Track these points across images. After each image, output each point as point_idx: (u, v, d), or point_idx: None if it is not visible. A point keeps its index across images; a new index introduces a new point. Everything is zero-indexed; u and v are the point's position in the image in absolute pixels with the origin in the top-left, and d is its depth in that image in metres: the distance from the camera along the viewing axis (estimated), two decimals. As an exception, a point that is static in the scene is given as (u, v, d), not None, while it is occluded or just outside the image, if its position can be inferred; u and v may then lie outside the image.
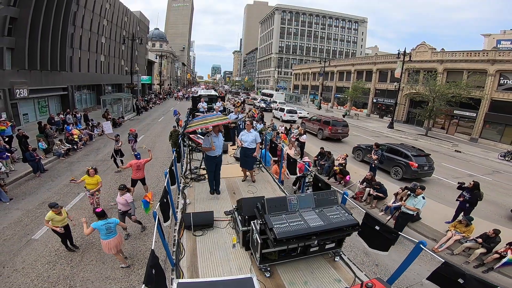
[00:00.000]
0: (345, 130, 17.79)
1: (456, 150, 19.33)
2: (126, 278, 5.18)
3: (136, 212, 6.49)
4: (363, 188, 8.00)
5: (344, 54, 72.50)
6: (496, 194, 10.70)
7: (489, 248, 5.80)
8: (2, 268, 5.23)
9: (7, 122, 11.35)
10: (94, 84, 27.01)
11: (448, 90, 21.30)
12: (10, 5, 14.76)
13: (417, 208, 5.97)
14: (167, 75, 66.60)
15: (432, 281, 2.86)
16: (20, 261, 5.45)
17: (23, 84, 15.81)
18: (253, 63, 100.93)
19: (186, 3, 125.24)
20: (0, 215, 7.12)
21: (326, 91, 47.28)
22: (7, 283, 4.89)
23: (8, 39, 14.87)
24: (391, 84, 31.89)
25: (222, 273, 3.30)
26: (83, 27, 22.78)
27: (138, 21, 39.20)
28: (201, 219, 4.21)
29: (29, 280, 5.00)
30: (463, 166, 14.88)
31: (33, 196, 8.30)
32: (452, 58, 25.22)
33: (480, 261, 5.87)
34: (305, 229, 3.02)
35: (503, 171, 14.95)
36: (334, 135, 17.39)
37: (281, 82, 70.85)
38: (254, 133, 6.32)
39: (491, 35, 41.60)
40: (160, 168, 10.99)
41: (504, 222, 8.17)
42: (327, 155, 10.26)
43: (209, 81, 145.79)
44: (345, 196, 4.06)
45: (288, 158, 7.50)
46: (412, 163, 10.41)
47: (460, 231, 6.29)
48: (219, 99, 16.85)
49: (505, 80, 21.84)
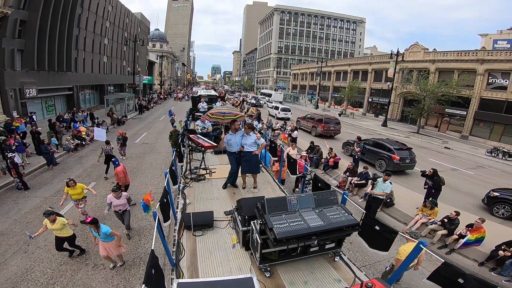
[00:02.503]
0: (337, 128, 18.78)
1: (446, 146, 20.17)
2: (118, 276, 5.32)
3: (134, 212, 6.76)
4: (345, 177, 8.85)
5: (343, 54, 73.25)
6: (474, 186, 11.52)
7: (450, 229, 6.54)
8: (27, 246, 6.07)
9: (21, 119, 12.21)
10: (98, 84, 27.90)
11: (438, 89, 22.14)
12: (20, 8, 15.61)
13: (386, 193, 6.78)
14: (167, 75, 67.43)
15: (432, 281, 2.88)
16: (42, 239, 6.24)
17: (32, 84, 16.68)
18: (252, 63, 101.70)
19: (186, 3, 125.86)
20: (21, 202, 7.98)
21: (324, 90, 48.11)
22: (31, 258, 5.72)
23: (18, 41, 15.74)
24: (385, 83, 32.73)
25: (222, 273, 3.31)
26: (87, 29, 23.64)
27: (139, 23, 40.04)
28: (201, 219, 4.22)
29: (51, 255, 5.83)
30: (449, 161, 15.72)
31: (48, 185, 9.16)
32: (444, 58, 26.07)
33: (443, 242, 6.58)
34: (305, 229, 3.03)
35: (487, 166, 15.77)
36: (327, 132, 18.37)
37: (280, 82, 71.68)
38: (254, 136, 5.99)
39: (488, 35, 41.99)
40: (163, 163, 11.84)
41: (474, 210, 8.95)
42: (316, 148, 11.16)
43: (209, 81, 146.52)
44: (345, 196, 4.10)
45: (289, 158, 7.53)
46: (394, 156, 11.20)
47: (427, 215, 7.06)
48: (219, 99, 17.28)
49: (493, 79, 22.69)
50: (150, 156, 12.73)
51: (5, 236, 6.33)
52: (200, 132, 9.05)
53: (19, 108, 15.74)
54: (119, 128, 18.89)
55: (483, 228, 6.00)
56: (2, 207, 7.63)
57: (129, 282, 5.15)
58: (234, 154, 5.93)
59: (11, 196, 8.25)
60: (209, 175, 6.56)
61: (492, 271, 5.78)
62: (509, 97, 21.46)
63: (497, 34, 41.22)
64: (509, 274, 5.50)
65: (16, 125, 11.77)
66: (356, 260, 5.82)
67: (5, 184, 8.85)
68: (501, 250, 5.67)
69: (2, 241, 6.13)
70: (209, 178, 6.47)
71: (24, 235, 6.41)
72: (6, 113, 14.35)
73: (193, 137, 7.46)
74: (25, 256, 5.75)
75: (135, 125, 20.77)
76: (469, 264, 6.10)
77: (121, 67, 33.91)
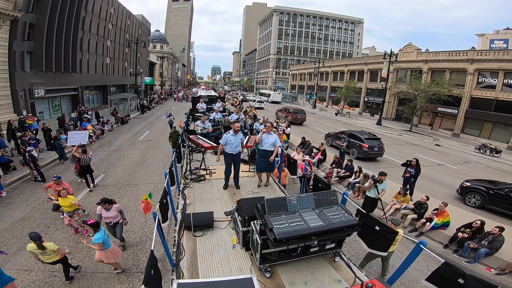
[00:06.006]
0: (303, 117, 24.29)
1: (437, 144, 20.98)
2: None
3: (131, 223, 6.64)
4: (331, 169, 9.69)
5: (341, 54, 73.99)
6: (455, 180, 12.19)
7: (420, 214, 7.25)
8: (47, 228, 6.90)
9: (33, 117, 13.09)
10: (101, 85, 28.76)
11: (430, 88, 22.97)
12: (29, 11, 16.44)
13: (385, 190, 7.18)
14: (168, 76, 68.30)
15: (432, 282, 2.89)
16: (60, 223, 7.05)
17: (41, 84, 17.52)
18: (252, 63, 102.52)
19: (186, 4, 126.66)
20: (38, 191, 8.78)
21: (322, 90, 48.97)
22: (52, 238, 6.52)
23: (27, 43, 16.56)
24: (380, 83, 33.56)
25: (222, 274, 3.32)
26: (91, 31, 24.45)
27: (140, 24, 40.87)
28: (201, 219, 4.23)
29: (68, 235, 6.67)
30: (436, 157, 16.52)
31: (62, 178, 9.98)
32: (436, 58, 26.91)
33: (413, 226, 7.24)
34: (305, 230, 3.03)
35: (473, 162, 16.55)
36: (295, 120, 23.55)
37: (279, 82, 72.61)
38: (275, 136, 6.09)
39: (485, 35, 42.63)
40: (165, 158, 12.69)
41: (448, 199, 9.42)
42: (307, 143, 12.09)
43: (209, 81, 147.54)
44: (345, 197, 4.10)
45: (289, 158, 7.46)
46: (363, 145, 13.09)
47: (400, 201, 7.77)
48: (218, 99, 17.70)
49: (483, 78, 23.53)
50: (153, 151, 13.64)
51: (27, 221, 7.16)
52: (200, 132, 9.24)
53: (28, 107, 16.54)
54: (122, 127, 19.79)
55: (447, 212, 6.77)
56: (21, 196, 8.49)
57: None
58: (230, 156, 5.93)
59: (28, 187, 9.09)
60: (209, 176, 6.63)
61: (455, 253, 6.32)
62: (497, 95, 22.28)
63: (494, 34, 41.74)
64: (469, 256, 6.04)
65: (29, 122, 12.69)
66: (357, 261, 5.92)
67: (22, 177, 9.72)
68: (460, 232, 6.43)
69: (25, 225, 6.96)
70: (209, 179, 6.52)
71: (44, 218, 7.27)
72: (17, 112, 15.17)
73: (193, 137, 7.55)
74: (46, 237, 6.52)
75: (137, 124, 21.66)
76: (435, 246, 6.59)
77: (123, 68, 34.76)
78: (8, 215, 7.31)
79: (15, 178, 9.49)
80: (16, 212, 7.47)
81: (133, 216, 7.36)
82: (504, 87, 21.97)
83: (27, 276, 5.15)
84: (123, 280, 5.22)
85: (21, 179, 9.63)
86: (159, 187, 8.90)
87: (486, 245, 5.91)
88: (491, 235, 5.95)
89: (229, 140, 5.91)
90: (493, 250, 5.87)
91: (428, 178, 11.99)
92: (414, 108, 24.11)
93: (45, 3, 17.23)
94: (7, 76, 14.90)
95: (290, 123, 19.88)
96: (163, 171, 10.68)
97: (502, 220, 7.95)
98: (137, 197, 8.44)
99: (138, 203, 7.81)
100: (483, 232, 6.26)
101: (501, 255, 5.92)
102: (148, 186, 9.28)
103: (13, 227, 6.78)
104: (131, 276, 5.33)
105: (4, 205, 7.82)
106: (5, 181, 8.98)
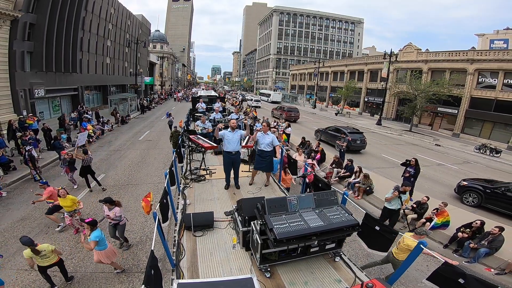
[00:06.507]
0: (296, 115, 26.24)
1: (437, 144, 20.98)
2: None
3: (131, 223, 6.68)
4: (331, 169, 9.70)
5: (341, 54, 73.99)
6: (455, 179, 12.14)
7: (420, 213, 7.28)
8: (48, 228, 6.87)
9: (34, 117, 13.09)
10: (101, 85, 28.77)
11: (429, 88, 22.96)
12: (29, 11, 16.44)
13: (402, 204, 6.75)
14: (168, 76, 68.34)
15: (432, 281, 2.88)
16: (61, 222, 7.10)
17: (41, 84, 17.53)
18: (252, 63, 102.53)
19: (186, 4, 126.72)
20: (39, 191, 8.80)
21: (322, 90, 48.96)
22: (52, 238, 6.52)
23: (28, 43, 16.57)
24: (380, 83, 33.56)
25: (222, 274, 3.32)
26: (91, 31, 24.46)
27: (140, 24, 40.89)
28: (201, 219, 4.23)
29: (68, 235, 6.65)
30: (436, 157, 16.52)
31: (62, 177, 9.97)
32: (436, 58, 26.90)
33: (414, 226, 7.24)
34: (305, 230, 3.03)
35: (473, 162, 16.55)
36: (289, 117, 24.53)
37: (279, 82, 72.60)
38: (271, 135, 6.07)
39: (485, 35, 42.66)
40: (165, 158, 12.69)
41: (446, 199, 9.48)
42: (307, 143, 12.10)
43: (209, 81, 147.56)
44: (345, 197, 4.11)
45: (289, 158, 7.45)
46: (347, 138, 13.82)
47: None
48: (218, 99, 17.71)
49: (483, 78, 23.51)
50: (153, 151, 13.64)
51: (27, 221, 7.17)
52: (200, 132, 9.22)
53: (29, 107, 16.55)
54: (122, 127, 19.80)
55: (446, 212, 6.79)
56: (22, 196, 8.50)
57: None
58: (229, 155, 5.80)
59: (28, 187, 9.09)
60: (209, 176, 6.62)
61: (455, 252, 6.33)
62: (497, 96, 22.27)
63: (494, 34, 41.75)
64: (469, 256, 6.05)
65: (30, 122, 12.69)
66: (357, 260, 5.88)
67: (22, 177, 9.73)
68: (460, 232, 6.44)
69: (25, 225, 6.97)
70: (209, 179, 6.51)
71: (44, 218, 7.27)
72: (17, 112, 15.18)
73: (193, 137, 7.54)
74: (46, 237, 6.55)
75: (137, 124, 21.67)
76: (434, 246, 6.60)
77: (123, 68, 34.78)
78: (8, 215, 7.32)
79: (15, 178, 9.50)
80: (16, 212, 7.49)
81: (133, 216, 7.37)
82: (504, 87, 21.95)
83: (27, 276, 5.15)
84: (123, 280, 5.20)
85: (21, 179, 9.64)
86: (159, 187, 8.94)
87: (486, 245, 5.91)
88: (491, 235, 5.96)
89: (227, 136, 5.77)
90: (493, 250, 5.88)
91: (428, 178, 12.02)
92: (414, 108, 24.10)
93: (45, 3, 17.24)
94: (7, 76, 14.91)
95: (285, 120, 20.45)
96: (163, 171, 10.71)
97: (502, 220, 7.97)
98: (137, 197, 8.45)
99: (138, 203, 7.81)
100: (483, 232, 6.27)
101: (501, 255, 5.93)
102: (148, 186, 9.31)
103: (13, 227, 6.78)
104: (131, 276, 5.32)
105: (4, 205, 7.83)
106: (5, 181, 9.00)
